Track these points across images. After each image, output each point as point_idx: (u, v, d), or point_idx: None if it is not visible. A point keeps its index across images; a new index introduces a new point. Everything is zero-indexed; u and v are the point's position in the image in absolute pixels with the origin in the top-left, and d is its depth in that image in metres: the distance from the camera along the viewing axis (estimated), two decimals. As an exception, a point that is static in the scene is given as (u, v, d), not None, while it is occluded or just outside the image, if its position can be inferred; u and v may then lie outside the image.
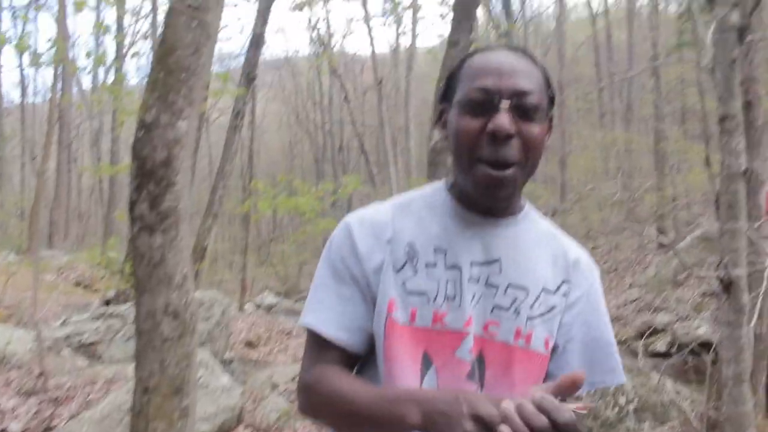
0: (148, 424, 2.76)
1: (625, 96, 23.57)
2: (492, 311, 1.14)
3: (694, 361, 7.24)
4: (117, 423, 3.45)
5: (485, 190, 1.09)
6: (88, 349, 5.35)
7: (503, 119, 1.05)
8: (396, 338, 1.11)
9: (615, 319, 13.66)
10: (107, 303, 9.84)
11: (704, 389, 5.47)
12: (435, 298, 1.12)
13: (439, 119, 1.19)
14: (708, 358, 6.03)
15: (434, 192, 1.23)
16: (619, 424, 5.51)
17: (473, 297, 1.13)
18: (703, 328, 10.23)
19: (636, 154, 20.30)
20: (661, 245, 16.79)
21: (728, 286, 3.90)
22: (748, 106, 5.22)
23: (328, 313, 1.14)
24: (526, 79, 1.08)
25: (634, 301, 13.70)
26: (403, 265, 1.14)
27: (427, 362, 1.11)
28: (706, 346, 6.33)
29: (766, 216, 5.09)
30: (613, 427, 5.50)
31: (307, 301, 1.19)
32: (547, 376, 1.18)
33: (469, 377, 1.12)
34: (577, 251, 1.24)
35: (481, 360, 1.13)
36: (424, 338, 1.11)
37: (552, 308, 1.18)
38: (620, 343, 11.29)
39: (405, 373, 1.10)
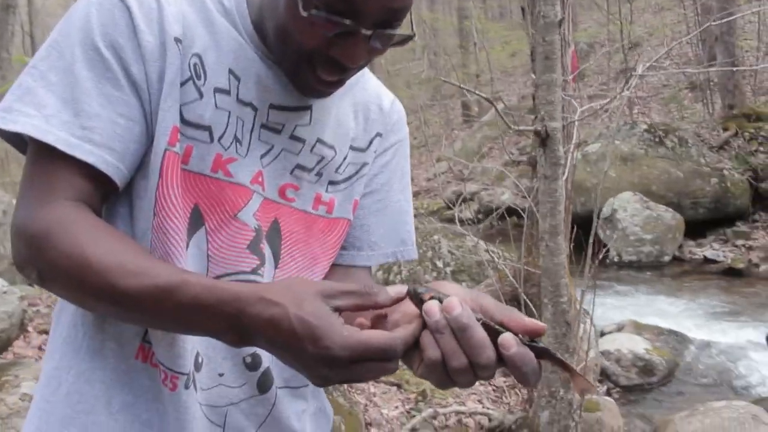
0: None
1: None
2: (293, 172, 0.94)
3: (499, 225, 7.53)
4: None
5: (304, 90, 0.89)
6: None
7: (359, 52, 0.82)
8: (172, 182, 0.83)
9: (426, 192, 14.11)
10: None
11: (513, 249, 5.68)
12: (221, 137, 0.86)
13: None
14: (510, 221, 6.32)
15: (231, 4, 0.91)
16: None
17: (270, 150, 0.92)
18: (506, 195, 10.79)
19: (441, 33, 20.52)
20: (466, 120, 17.42)
21: (545, 139, 3.88)
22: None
23: (87, 123, 0.79)
24: None
25: (443, 173, 14.12)
26: (186, 82, 0.84)
27: (196, 220, 0.86)
28: (510, 211, 6.59)
29: (573, 75, 5.15)
30: None
31: (37, 97, 0.79)
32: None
33: (250, 248, 0.90)
34: (390, 98, 1.08)
35: (276, 229, 0.94)
36: (197, 188, 0.86)
37: (362, 167, 1.02)
38: (432, 213, 11.76)
39: (172, 231, 0.83)
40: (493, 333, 0.67)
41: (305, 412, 1.00)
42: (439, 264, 5.80)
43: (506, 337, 0.66)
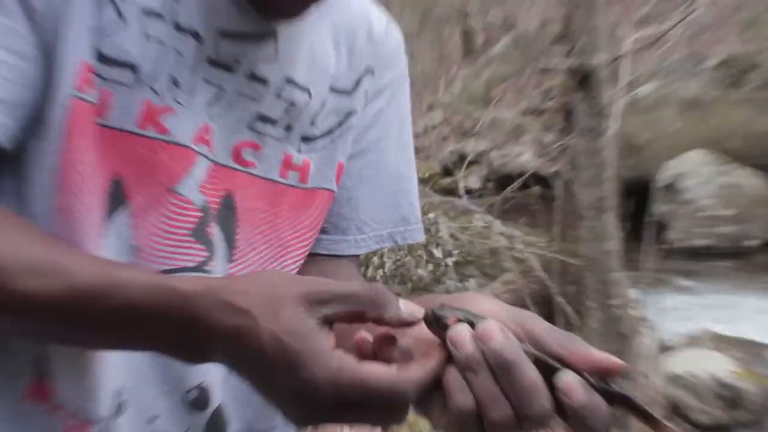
0: None
1: None
2: (252, 125, 0.96)
3: (519, 198, 7.56)
4: None
5: (265, 10, 0.91)
6: None
7: None
8: (82, 144, 0.83)
9: (415, 152, 14.09)
10: None
11: (540, 231, 5.63)
12: (152, 78, 0.87)
13: None
14: (537, 191, 6.25)
15: None
16: (436, 284, 5.63)
17: (220, 95, 0.93)
18: (526, 156, 10.80)
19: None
20: (468, 54, 17.41)
21: (585, 80, 3.87)
22: None
23: None
24: None
25: (437, 126, 14.11)
26: (101, 1, 0.84)
27: (117, 196, 0.87)
28: (533, 179, 6.57)
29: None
30: (427, 289, 5.62)
31: None
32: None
33: (194, 234, 0.92)
34: (383, 21, 1.11)
35: (229, 206, 0.97)
36: (119, 151, 0.87)
37: (348, 116, 1.05)
38: (423, 181, 11.79)
39: (82, 213, 0.84)
40: (548, 371, 0.67)
41: None
42: (437, 253, 5.83)
43: (569, 381, 0.66)
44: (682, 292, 6.54)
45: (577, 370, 0.67)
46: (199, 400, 0.94)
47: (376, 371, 0.65)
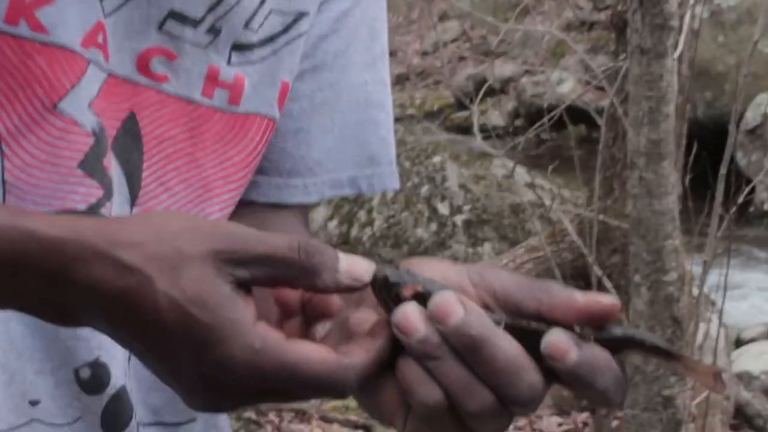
0: None
1: None
2: (163, 25, 0.96)
3: (555, 140, 7.55)
4: None
5: None
6: None
7: None
8: None
9: (419, 76, 14.11)
10: None
11: (578, 184, 5.64)
12: None
13: None
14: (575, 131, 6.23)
15: None
16: (440, 249, 5.69)
17: None
18: (567, 84, 10.83)
19: None
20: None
21: None
22: None
23: None
24: None
25: (451, 43, 14.11)
26: None
27: None
28: (574, 114, 6.52)
29: None
30: (428, 255, 5.56)
31: None
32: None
33: (84, 166, 0.92)
34: None
35: (132, 132, 0.97)
36: None
37: (296, 19, 1.05)
38: (430, 115, 11.79)
39: None
40: (529, 336, 0.68)
41: None
42: (443, 209, 5.89)
43: (555, 340, 0.67)
44: (760, 268, 6.60)
45: (565, 324, 0.68)
46: (92, 380, 0.94)
47: (310, 355, 0.66)
